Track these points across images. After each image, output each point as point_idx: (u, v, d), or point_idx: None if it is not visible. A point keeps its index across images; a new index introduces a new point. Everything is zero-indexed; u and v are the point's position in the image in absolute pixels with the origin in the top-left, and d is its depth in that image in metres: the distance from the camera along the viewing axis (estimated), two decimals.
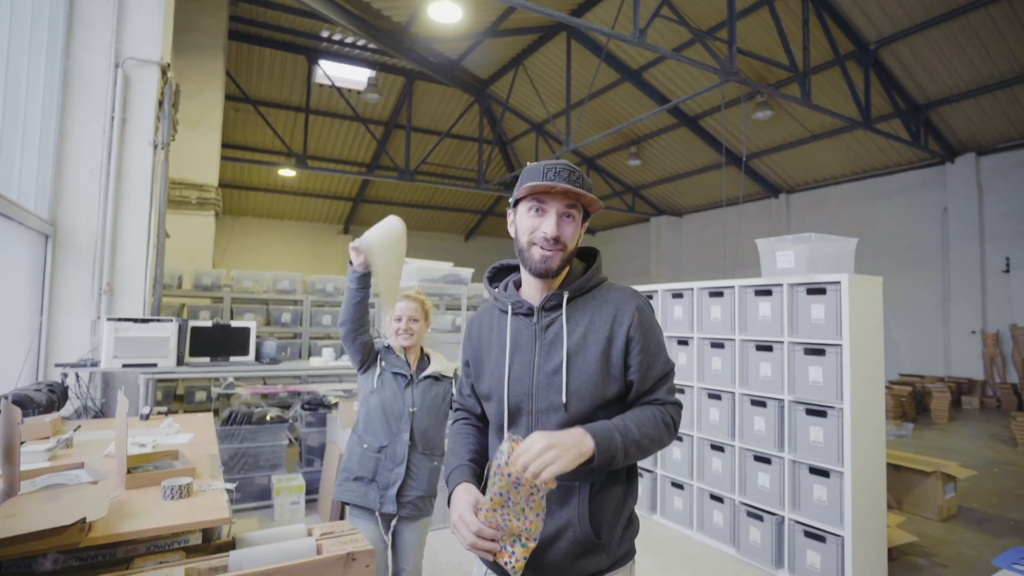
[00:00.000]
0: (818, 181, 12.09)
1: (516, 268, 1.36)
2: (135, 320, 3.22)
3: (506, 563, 1.05)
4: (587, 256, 1.34)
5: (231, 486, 1.84)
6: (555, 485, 1.04)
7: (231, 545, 1.57)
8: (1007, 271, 9.60)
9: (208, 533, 1.60)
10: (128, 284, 3.57)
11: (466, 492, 1.16)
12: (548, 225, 1.18)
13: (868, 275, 3.03)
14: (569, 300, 1.23)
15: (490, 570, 1.26)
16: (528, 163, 1.28)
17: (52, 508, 1.41)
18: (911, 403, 8.61)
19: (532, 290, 1.26)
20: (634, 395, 1.21)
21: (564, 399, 1.16)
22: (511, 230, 1.28)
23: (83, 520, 1.33)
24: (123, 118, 3.61)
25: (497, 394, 1.24)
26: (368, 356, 2.26)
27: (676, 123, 11.49)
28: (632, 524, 1.25)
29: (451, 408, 2.26)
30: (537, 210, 1.20)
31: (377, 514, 2.16)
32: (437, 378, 2.26)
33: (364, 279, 2.12)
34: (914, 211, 10.71)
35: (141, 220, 3.65)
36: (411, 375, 2.23)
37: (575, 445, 1.04)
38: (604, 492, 1.19)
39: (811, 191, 12.33)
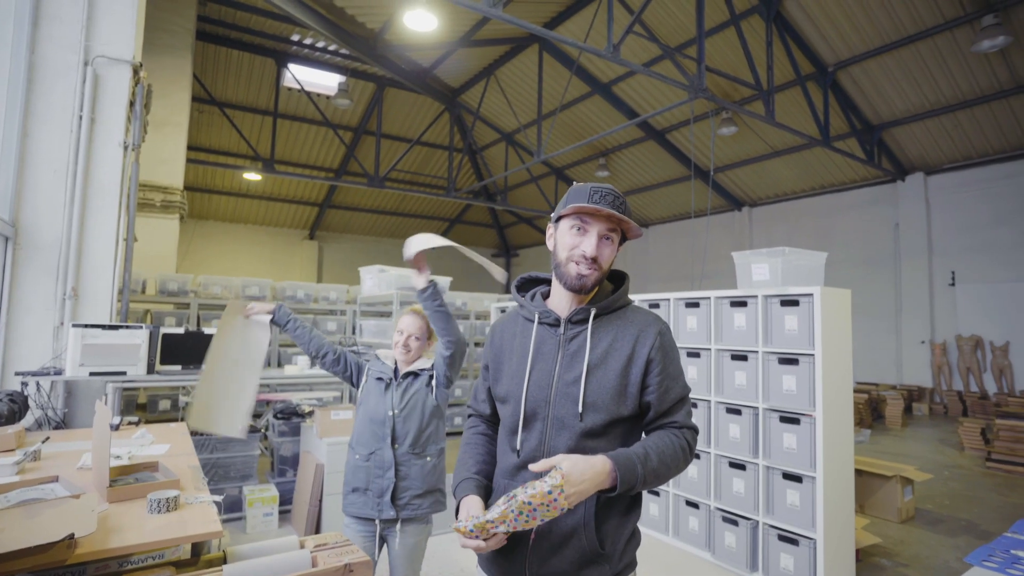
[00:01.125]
0: (779, 195, 12.55)
1: (543, 280, 1.43)
2: (104, 327, 3.09)
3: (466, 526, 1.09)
4: (615, 277, 1.40)
5: (218, 498, 1.79)
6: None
7: (222, 560, 1.52)
8: (952, 284, 10.16)
9: (197, 547, 1.55)
10: (94, 289, 3.42)
11: (472, 505, 1.22)
12: (589, 245, 1.23)
13: (837, 288, 3.17)
14: (595, 317, 1.28)
15: None
16: (575, 182, 1.32)
17: (34, 524, 1.34)
18: (867, 410, 8.97)
19: (561, 303, 1.31)
20: (652, 416, 1.26)
21: (580, 409, 1.20)
22: (550, 244, 1.33)
23: (71, 536, 1.27)
24: (92, 117, 3.48)
25: (515, 398, 1.27)
26: (350, 369, 2.30)
27: (644, 136, 11.76)
28: (635, 536, 1.29)
29: (436, 403, 2.24)
30: (579, 229, 1.25)
31: (377, 521, 2.14)
32: (416, 374, 2.25)
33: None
34: (869, 226, 11.23)
35: (109, 223, 3.51)
36: (389, 378, 2.23)
37: (598, 475, 1.09)
38: (610, 503, 1.22)
39: (773, 205, 12.78)
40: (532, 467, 1.12)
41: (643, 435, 1.33)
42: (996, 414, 7.60)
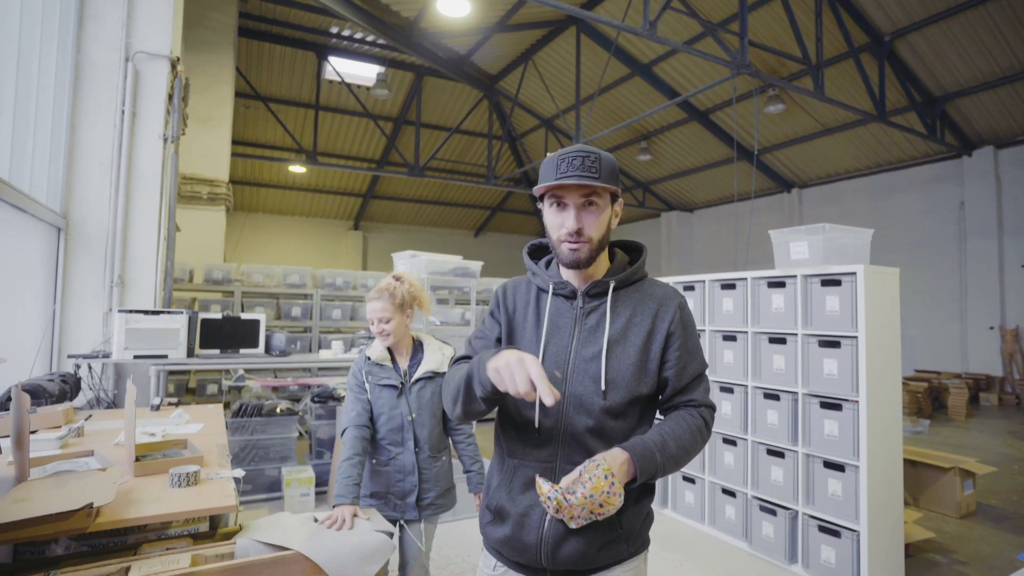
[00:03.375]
0: (831, 175, 11.93)
1: None
2: (146, 312, 3.23)
3: (549, 497, 1.04)
4: (632, 249, 1.34)
5: (239, 474, 1.83)
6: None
7: (237, 532, 1.56)
8: None
9: (215, 521, 1.59)
10: (139, 277, 3.59)
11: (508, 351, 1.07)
12: (569, 220, 1.16)
13: (884, 267, 2.97)
14: (614, 290, 1.23)
15: (499, 562, 1.24)
16: (548, 153, 1.24)
17: (60, 494, 1.40)
18: (927, 399, 8.48)
19: (573, 275, 1.25)
20: (669, 392, 1.22)
21: (603, 387, 1.15)
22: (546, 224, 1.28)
23: (90, 505, 1.32)
24: (133, 112, 3.63)
25: None
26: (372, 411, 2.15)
27: (687, 117, 11.39)
28: (649, 516, 1.26)
29: None
30: (558, 205, 1.18)
31: (400, 523, 2.11)
32: (431, 377, 2.15)
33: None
34: (929, 205, 10.53)
35: (151, 213, 3.66)
36: (401, 383, 2.12)
37: (621, 467, 1.07)
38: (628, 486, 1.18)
39: (824, 185, 12.17)
40: (538, 482, 1.07)
41: (657, 414, 1.28)
42: None
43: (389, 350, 2.17)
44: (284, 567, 1.39)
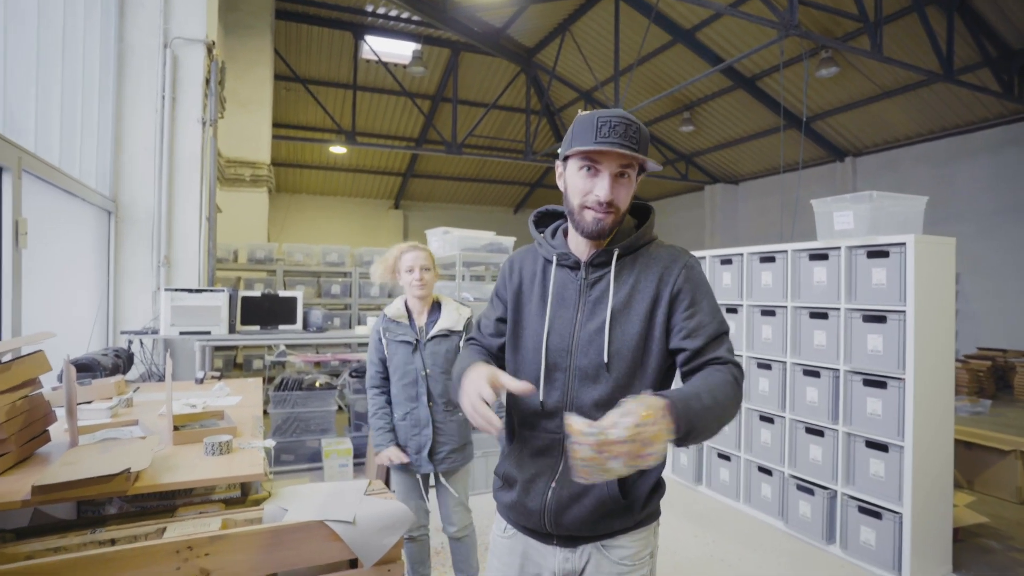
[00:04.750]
0: (888, 142, 11.21)
1: (562, 214, 1.30)
2: (189, 290, 3.38)
3: (585, 432, 0.86)
4: (639, 212, 1.27)
5: (270, 444, 1.90)
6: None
7: (266, 499, 1.63)
8: None
9: (247, 488, 1.67)
10: (183, 257, 3.75)
11: (481, 368, 1.08)
12: (602, 188, 1.10)
13: (939, 236, 2.78)
14: (618, 257, 1.17)
15: (509, 525, 1.26)
16: (580, 111, 1.19)
17: (104, 459, 1.50)
18: (990, 378, 8.01)
19: (580, 244, 1.20)
20: (686, 357, 1.10)
21: (606, 359, 1.11)
22: (560, 183, 1.21)
23: (128, 470, 1.40)
24: (173, 96, 3.74)
25: (535, 348, 1.19)
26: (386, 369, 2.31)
27: (732, 85, 10.88)
28: (659, 487, 1.21)
29: None
30: (589, 169, 1.11)
31: (418, 476, 2.22)
32: (446, 335, 2.23)
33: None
34: (1001, 170, 9.76)
35: (193, 195, 3.80)
36: (416, 339, 2.21)
37: (661, 411, 0.89)
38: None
39: (880, 153, 11.46)
40: (568, 416, 0.92)
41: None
42: None
43: (407, 308, 2.25)
44: (308, 533, 1.44)
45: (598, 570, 1.16)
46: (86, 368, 2.69)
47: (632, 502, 1.15)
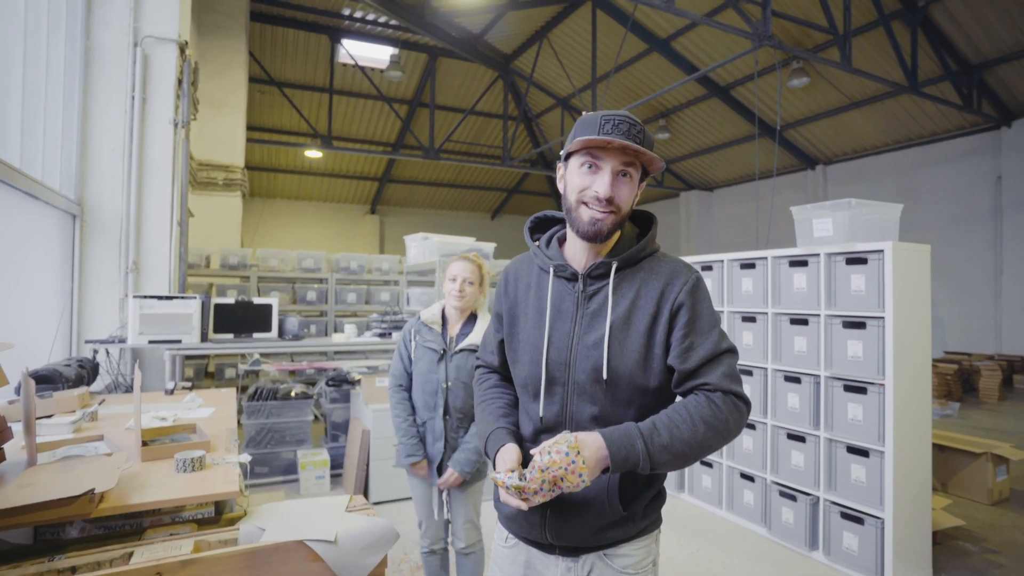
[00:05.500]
0: (857, 151, 11.53)
1: (561, 220, 1.27)
2: (159, 297, 3.25)
3: (506, 485, 1.02)
4: (641, 220, 1.23)
5: (246, 459, 1.82)
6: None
7: (242, 519, 1.55)
8: None
9: (221, 506, 1.58)
10: (153, 262, 3.61)
11: (509, 453, 1.11)
12: (601, 184, 1.06)
13: (915, 243, 2.83)
14: (618, 270, 1.13)
15: (511, 535, 1.24)
16: (584, 112, 1.14)
17: (65, 479, 1.40)
18: (957, 382, 8.24)
19: (578, 252, 1.16)
20: (678, 378, 1.09)
21: (605, 375, 1.08)
22: (560, 186, 1.18)
23: (92, 491, 1.31)
24: (143, 97, 3.61)
25: (534, 361, 1.15)
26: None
27: (707, 94, 11.07)
28: (660, 496, 1.20)
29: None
30: (591, 166, 1.08)
31: (433, 486, 2.21)
32: (474, 350, 2.18)
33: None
34: (963, 180, 10.12)
35: (164, 198, 3.67)
36: (443, 349, 2.18)
37: (599, 450, 0.99)
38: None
39: (850, 162, 11.78)
40: (493, 476, 1.05)
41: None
42: None
43: (443, 316, 2.24)
44: (287, 554, 1.37)
45: None
46: (47, 380, 2.55)
47: (632, 514, 1.12)
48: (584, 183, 1.09)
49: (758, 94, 9.83)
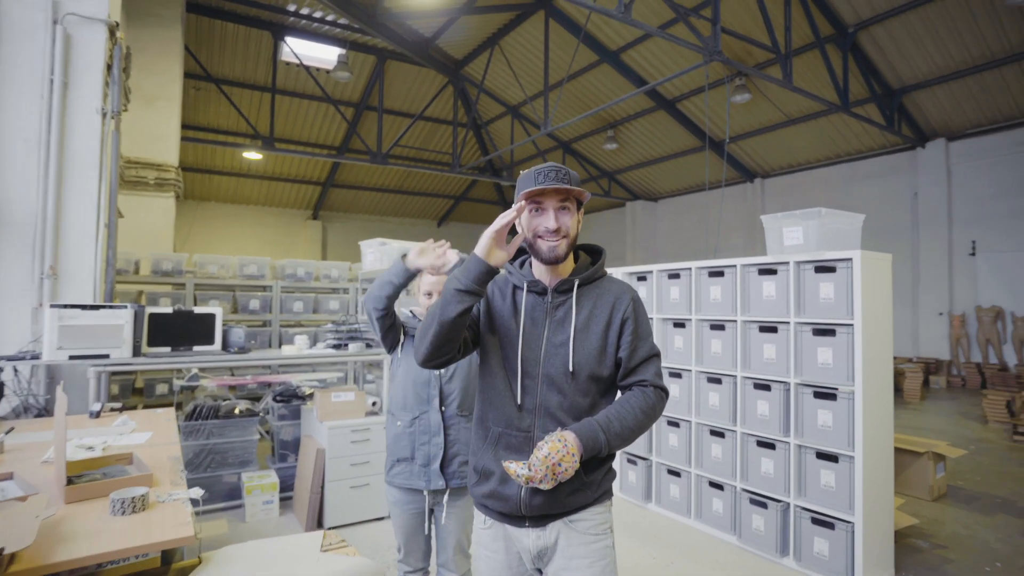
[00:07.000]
0: (793, 166, 12.14)
1: (525, 250, 1.52)
2: (83, 307, 2.87)
3: (518, 473, 1.27)
4: (593, 252, 1.56)
5: (197, 493, 1.57)
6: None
7: (196, 567, 1.32)
8: (973, 254, 9.81)
9: (169, 554, 1.34)
10: (75, 268, 3.21)
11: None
12: (548, 220, 1.36)
13: (878, 252, 2.90)
14: (578, 287, 1.43)
15: (487, 517, 1.45)
16: (521, 171, 1.50)
17: None
18: None
19: (543, 274, 1.45)
20: (623, 372, 1.42)
21: (571, 368, 1.37)
22: (520, 229, 1.43)
23: (0, 551, 1.06)
24: (64, 81, 3.22)
25: (512, 358, 1.41)
26: (397, 335, 2.08)
27: (654, 107, 11.35)
28: (611, 472, 1.47)
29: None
30: (537, 209, 1.38)
31: (426, 492, 1.98)
32: None
33: (409, 277, 1.93)
34: (886, 195, 10.84)
35: (88, 196, 3.28)
36: None
37: (577, 449, 1.29)
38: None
39: (786, 176, 12.38)
40: (506, 465, 1.29)
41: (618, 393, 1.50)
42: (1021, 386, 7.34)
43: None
44: None
45: (569, 542, 1.39)
46: None
47: (592, 480, 1.39)
48: (535, 223, 1.38)
49: (708, 106, 10.15)
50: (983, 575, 3.10)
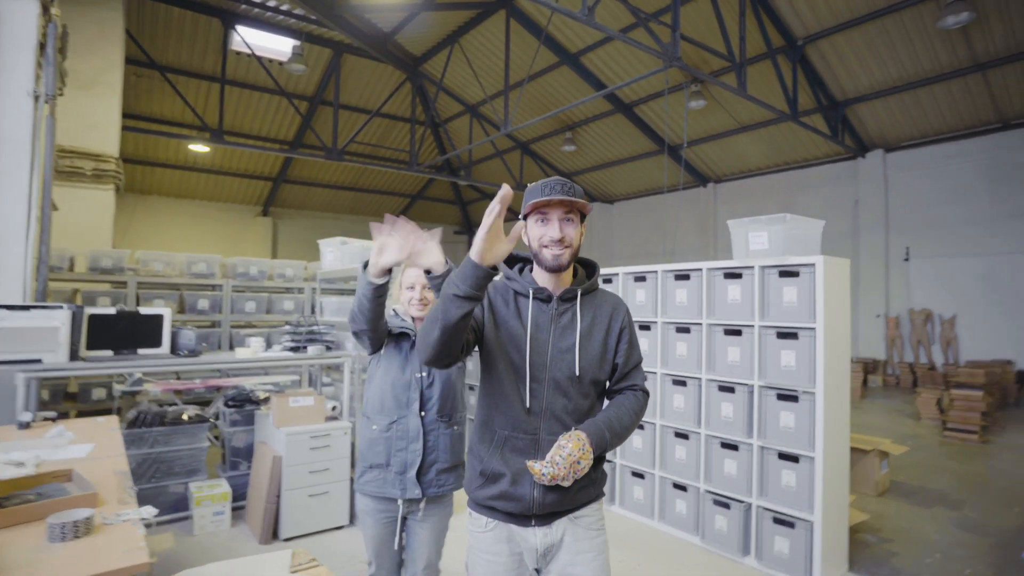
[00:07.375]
0: (744, 172, 12.56)
1: (524, 258, 1.58)
2: (11, 307, 2.63)
3: (543, 473, 1.34)
4: (587, 265, 1.63)
5: (150, 512, 1.44)
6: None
7: None
8: (907, 260, 10.42)
9: None
10: (1, 264, 2.93)
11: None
12: (553, 230, 1.41)
13: (837, 257, 3.00)
14: (581, 295, 1.50)
15: (490, 519, 1.46)
16: (529, 184, 1.51)
17: None
18: None
19: (547, 282, 1.49)
20: (617, 376, 1.53)
21: (578, 373, 1.44)
22: (525, 239, 1.49)
23: None
24: None
25: (520, 363, 1.44)
26: (383, 339, 1.94)
27: (612, 110, 11.50)
28: (604, 473, 1.57)
29: (461, 362, 1.92)
30: (542, 220, 1.43)
31: (400, 501, 1.87)
32: None
33: (382, 289, 1.71)
34: (830, 202, 11.37)
35: (18, 187, 3.00)
36: (415, 333, 1.93)
37: (591, 450, 1.38)
38: None
39: (737, 181, 12.80)
40: (530, 465, 1.36)
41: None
42: (950, 384, 7.83)
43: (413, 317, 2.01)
44: None
45: (575, 537, 1.46)
46: None
47: (595, 479, 1.50)
48: (540, 233, 1.43)
49: (661, 112, 10.37)
50: (925, 567, 3.26)
